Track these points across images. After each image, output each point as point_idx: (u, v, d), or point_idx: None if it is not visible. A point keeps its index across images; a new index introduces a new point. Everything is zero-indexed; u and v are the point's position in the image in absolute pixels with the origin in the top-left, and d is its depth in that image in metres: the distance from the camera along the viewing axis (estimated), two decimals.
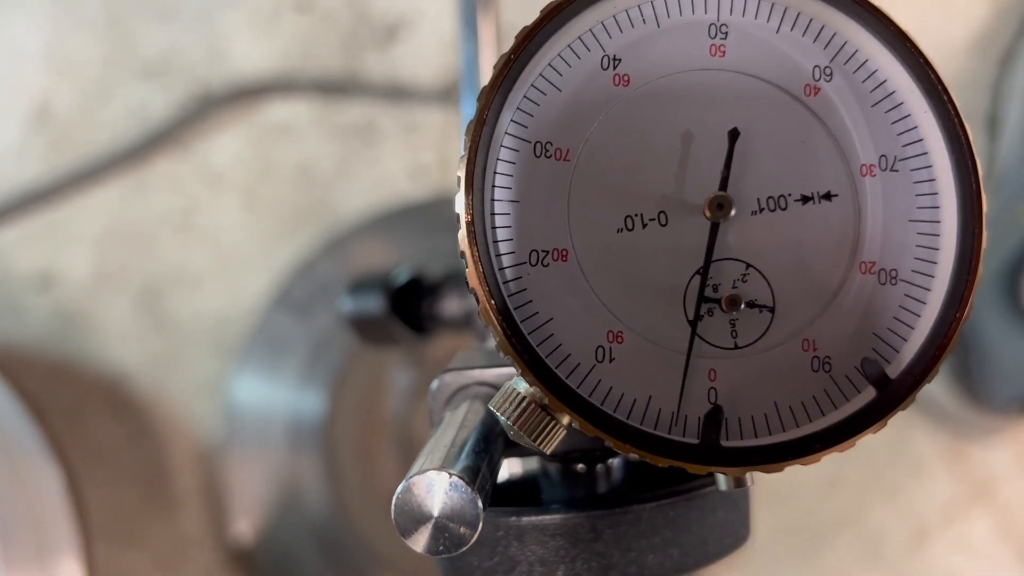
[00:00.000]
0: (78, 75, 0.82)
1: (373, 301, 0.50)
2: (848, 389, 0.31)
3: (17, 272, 0.80)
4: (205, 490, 0.79)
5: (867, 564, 0.82)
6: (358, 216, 0.83)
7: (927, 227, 0.31)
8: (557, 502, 0.35)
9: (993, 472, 0.83)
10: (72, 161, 0.82)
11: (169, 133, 0.83)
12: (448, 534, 0.27)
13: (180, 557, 0.78)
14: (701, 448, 0.29)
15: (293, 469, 0.79)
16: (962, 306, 0.30)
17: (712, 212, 0.30)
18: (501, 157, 0.30)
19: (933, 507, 0.83)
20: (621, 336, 0.30)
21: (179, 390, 0.80)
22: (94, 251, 0.81)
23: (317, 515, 0.79)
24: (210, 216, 0.82)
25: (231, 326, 0.80)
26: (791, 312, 0.31)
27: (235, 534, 0.77)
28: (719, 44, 0.31)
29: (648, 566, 0.33)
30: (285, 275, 0.81)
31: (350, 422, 0.81)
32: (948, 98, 0.30)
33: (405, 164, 0.84)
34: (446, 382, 0.35)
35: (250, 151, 0.83)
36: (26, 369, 0.79)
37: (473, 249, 0.29)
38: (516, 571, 0.33)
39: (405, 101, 0.85)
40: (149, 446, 0.79)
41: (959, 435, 0.83)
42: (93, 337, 0.80)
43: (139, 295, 0.80)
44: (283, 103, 0.84)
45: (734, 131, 0.31)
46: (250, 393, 0.80)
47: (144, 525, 0.78)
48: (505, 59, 0.29)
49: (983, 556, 0.82)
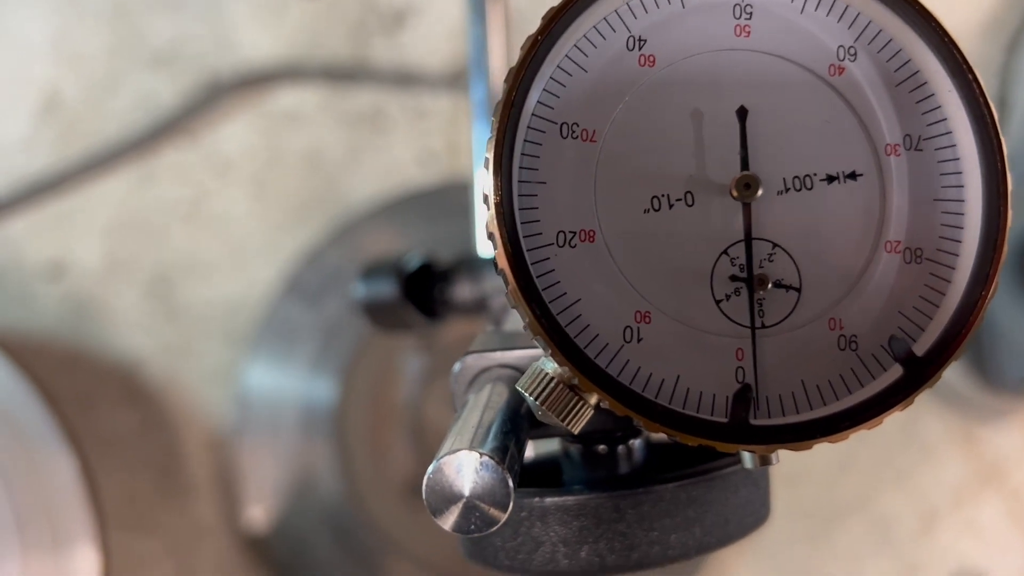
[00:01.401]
0: (86, 66, 0.82)
1: (386, 287, 0.50)
2: (875, 367, 0.31)
3: (28, 262, 0.80)
4: (218, 477, 0.79)
5: (877, 547, 0.82)
6: (367, 203, 0.83)
7: (952, 206, 0.31)
8: (579, 483, 0.36)
9: (1004, 455, 0.83)
10: (81, 151, 0.82)
11: (177, 122, 0.83)
12: (479, 513, 0.27)
13: (193, 544, 0.78)
14: (730, 427, 0.30)
15: (305, 456, 0.80)
16: (987, 284, 0.30)
17: (740, 192, 0.31)
18: (528, 139, 0.30)
19: (943, 490, 0.83)
20: (649, 316, 0.31)
21: (191, 378, 0.80)
22: (104, 240, 0.81)
23: (330, 501, 0.79)
24: (219, 205, 0.82)
25: (242, 314, 0.81)
26: (817, 291, 0.31)
27: (248, 520, 0.78)
28: (744, 24, 0.31)
29: (671, 545, 0.33)
30: (295, 263, 0.81)
31: (361, 409, 0.81)
32: (973, 77, 0.30)
33: (414, 151, 0.84)
34: (468, 364, 0.35)
35: (258, 139, 0.83)
36: (38, 358, 0.79)
37: (502, 230, 0.29)
38: (539, 551, 0.33)
39: (413, 87, 0.85)
40: (162, 434, 0.80)
41: (970, 417, 0.83)
42: (105, 326, 0.80)
43: (150, 284, 0.80)
44: (291, 91, 0.84)
45: (742, 109, 0.31)
46: (262, 381, 0.80)
47: (157, 512, 0.78)
48: (532, 40, 0.30)
49: (993, 539, 0.83)
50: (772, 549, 0.82)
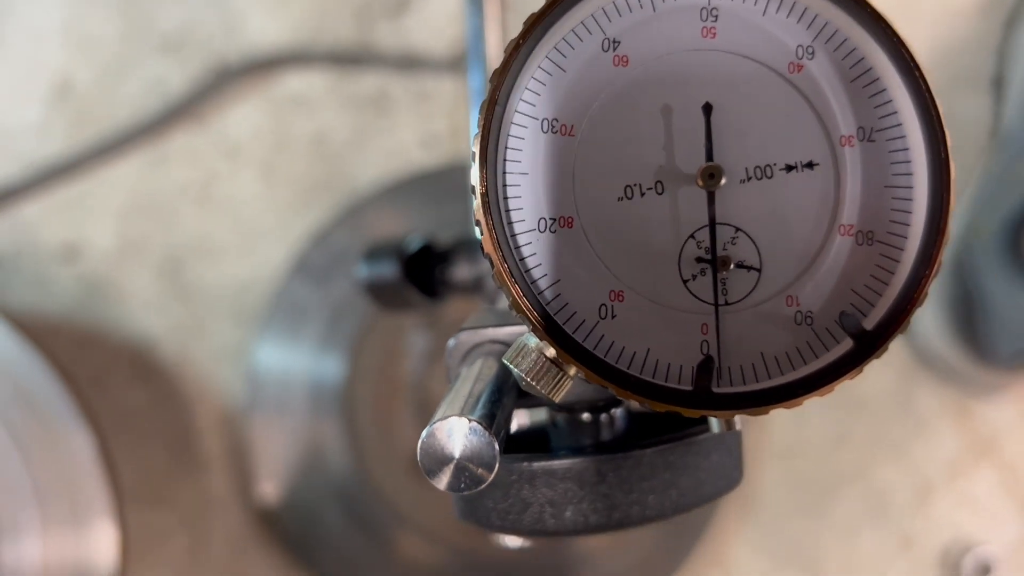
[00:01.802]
0: (97, 51, 0.85)
1: (388, 268, 0.52)
2: (828, 340, 0.34)
3: (44, 245, 0.83)
4: (230, 452, 0.82)
5: (873, 519, 0.84)
6: (373, 185, 0.86)
7: (901, 192, 0.34)
8: (565, 449, 0.38)
9: (998, 428, 0.85)
10: (93, 136, 0.84)
11: (187, 107, 0.85)
12: (468, 473, 0.30)
13: (207, 517, 0.81)
14: (694, 394, 0.32)
15: (315, 431, 0.82)
16: (931, 264, 0.33)
17: (704, 181, 0.33)
18: (512, 133, 0.33)
19: (938, 463, 0.84)
20: (622, 295, 0.34)
21: (203, 356, 0.83)
22: (117, 223, 0.83)
23: (339, 475, 0.82)
24: (228, 187, 0.84)
25: (251, 294, 0.83)
26: (776, 271, 0.34)
27: (260, 494, 0.80)
28: (710, 26, 0.34)
29: (649, 505, 0.36)
30: (302, 244, 0.84)
31: (368, 385, 0.83)
32: (920, 75, 0.33)
33: (417, 133, 0.87)
34: (462, 340, 0.38)
35: (266, 123, 0.85)
36: (55, 338, 0.82)
37: (487, 218, 0.32)
38: (528, 512, 0.36)
39: (417, 71, 0.87)
40: (175, 411, 0.82)
41: (964, 391, 0.85)
42: (118, 306, 0.83)
43: (162, 265, 0.83)
44: (298, 75, 0.86)
45: (707, 105, 0.34)
46: (271, 359, 0.82)
47: (172, 487, 0.81)
48: (514, 44, 0.32)
49: (987, 511, 0.84)
50: (768, 521, 0.84)
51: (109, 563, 0.71)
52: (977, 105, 0.88)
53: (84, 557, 0.71)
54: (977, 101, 0.88)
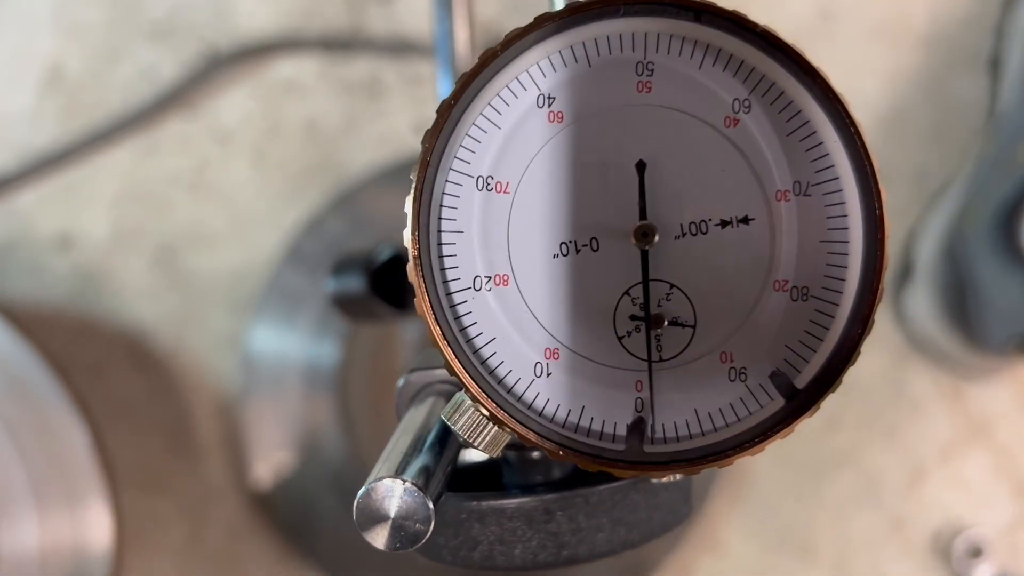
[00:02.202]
0: (87, 38, 0.85)
1: (355, 281, 0.53)
2: (762, 397, 0.34)
3: (37, 234, 0.83)
4: (226, 440, 0.83)
5: (864, 501, 0.84)
6: (365, 171, 0.86)
7: (838, 247, 0.34)
8: (516, 486, 0.39)
9: (991, 411, 0.84)
10: (85, 124, 0.84)
11: (178, 94, 0.85)
12: (404, 532, 0.31)
13: (204, 504, 0.82)
14: (627, 454, 0.33)
15: (310, 419, 0.83)
16: (864, 323, 0.33)
17: (638, 240, 0.33)
18: (447, 191, 0.33)
19: (931, 446, 0.84)
20: (557, 353, 0.34)
21: (198, 345, 0.83)
22: (110, 211, 0.84)
23: (334, 462, 0.83)
24: (221, 174, 0.85)
25: (245, 282, 0.84)
26: (711, 328, 0.34)
27: (256, 481, 0.81)
28: (645, 80, 0.34)
29: (598, 543, 0.36)
30: (295, 231, 0.84)
31: (363, 373, 0.84)
32: (855, 130, 0.32)
33: (410, 118, 0.86)
34: (411, 381, 0.38)
35: (258, 109, 0.85)
36: (49, 328, 0.82)
37: (420, 281, 0.32)
38: (478, 549, 0.36)
39: (408, 55, 0.87)
40: (171, 399, 0.83)
41: (957, 375, 0.84)
42: (113, 295, 0.83)
43: (156, 253, 0.83)
44: (289, 60, 0.86)
45: (640, 163, 0.34)
46: (266, 347, 0.83)
47: (169, 474, 0.82)
48: (446, 105, 0.32)
49: (979, 493, 0.84)
50: (760, 503, 0.84)
51: (105, 548, 0.73)
52: (974, 86, 0.87)
53: (80, 542, 0.72)
54: (974, 82, 0.87)
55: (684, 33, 0.33)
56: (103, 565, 0.73)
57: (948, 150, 0.86)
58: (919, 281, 0.83)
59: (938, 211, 0.84)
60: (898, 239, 0.86)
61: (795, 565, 0.84)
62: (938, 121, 0.87)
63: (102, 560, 0.73)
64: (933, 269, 0.83)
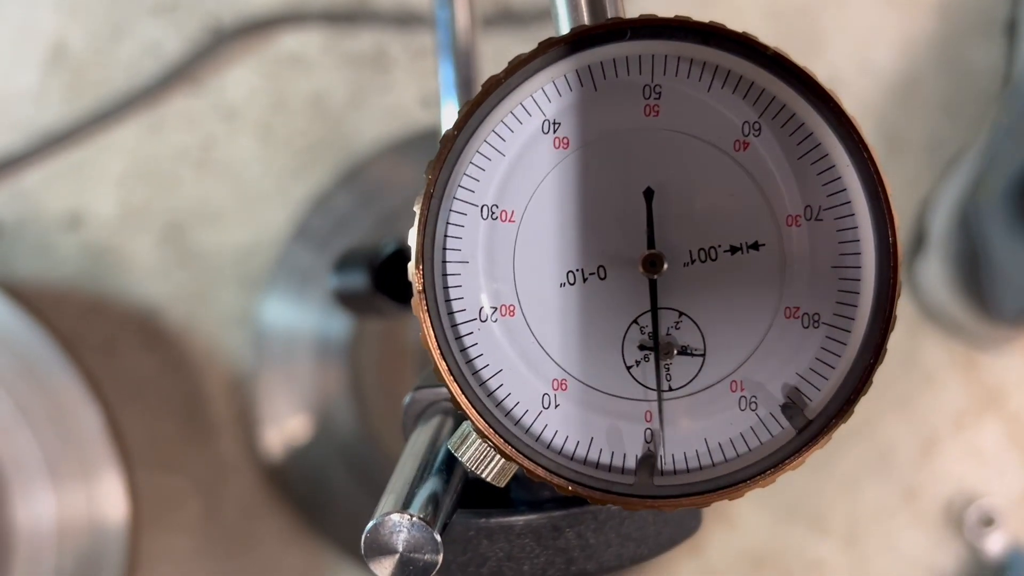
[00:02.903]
0: (90, 15, 0.84)
1: (358, 278, 0.52)
2: (772, 426, 0.34)
3: (46, 213, 0.83)
4: (238, 416, 0.83)
5: (877, 472, 0.84)
6: (372, 144, 0.85)
7: (850, 272, 0.33)
8: (524, 502, 0.39)
9: (1005, 380, 0.84)
10: (91, 101, 0.84)
11: (183, 69, 0.85)
12: (413, 565, 0.31)
13: (218, 479, 0.83)
14: (637, 488, 0.33)
15: (321, 393, 0.83)
16: (876, 352, 0.32)
17: (646, 269, 0.33)
18: (451, 221, 0.33)
19: (943, 415, 0.84)
20: (565, 384, 0.33)
21: (209, 322, 0.83)
22: (118, 189, 0.83)
23: (345, 436, 0.83)
24: (227, 151, 0.84)
25: (254, 258, 0.84)
26: (721, 356, 0.34)
27: (268, 458, 0.82)
28: (653, 104, 0.33)
29: (606, 558, 0.36)
30: (303, 206, 0.83)
31: (373, 347, 0.84)
32: (868, 155, 0.32)
33: (416, 91, 0.86)
34: (417, 399, 0.38)
35: (263, 84, 0.85)
36: (59, 307, 0.83)
37: (425, 316, 0.32)
38: (486, 565, 0.36)
39: (414, 27, 0.86)
40: (182, 376, 0.83)
41: (971, 344, 0.84)
42: (122, 273, 0.83)
43: (164, 230, 0.83)
44: (294, 34, 0.85)
45: (648, 191, 0.33)
46: (277, 322, 0.83)
47: (182, 451, 0.83)
48: (450, 135, 0.32)
49: (992, 463, 0.84)
50: None
51: (121, 523, 0.73)
52: (989, 53, 0.85)
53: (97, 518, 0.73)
54: (989, 48, 0.85)
55: (692, 55, 0.32)
56: (119, 541, 0.73)
57: (962, 119, 0.85)
58: (932, 251, 0.83)
59: (952, 181, 0.83)
60: (912, 209, 0.85)
61: (807, 536, 0.84)
62: (952, 89, 0.85)
63: (118, 536, 0.74)
64: (946, 239, 0.82)
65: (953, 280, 0.82)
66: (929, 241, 0.83)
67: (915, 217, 0.85)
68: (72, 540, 0.73)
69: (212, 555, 0.82)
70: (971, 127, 0.85)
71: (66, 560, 0.73)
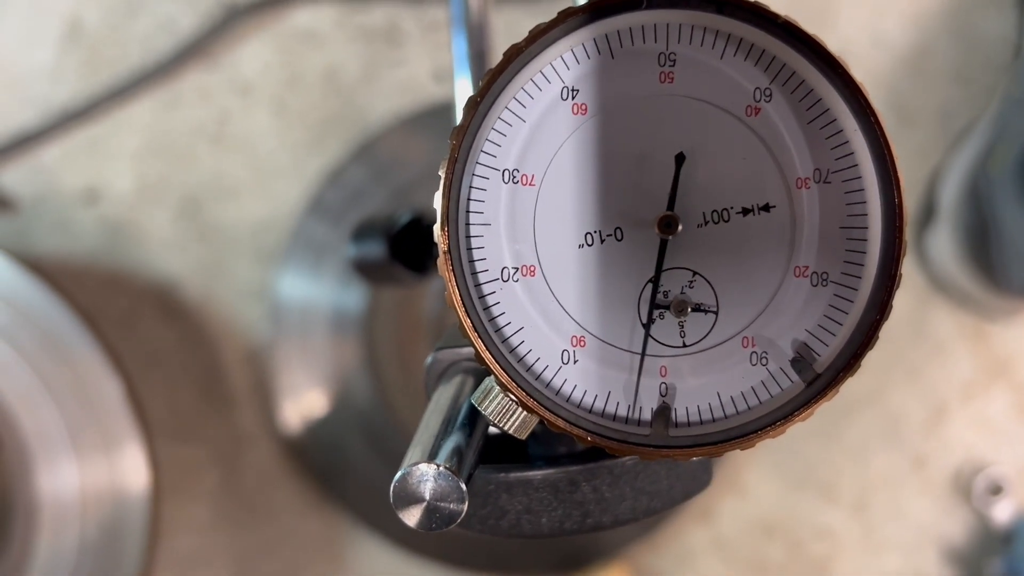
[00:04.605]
0: None
1: (375, 247, 0.53)
2: (782, 380, 0.35)
3: (63, 188, 0.84)
4: (257, 388, 0.84)
5: (886, 440, 0.85)
6: (386, 119, 0.86)
7: (857, 233, 0.35)
8: (541, 457, 0.40)
9: (1013, 350, 0.85)
10: (106, 78, 0.85)
11: (198, 45, 0.86)
12: (439, 513, 0.32)
13: (237, 450, 0.84)
14: (652, 438, 0.34)
15: (338, 364, 0.85)
16: (882, 309, 0.34)
17: (661, 230, 0.34)
18: (474, 185, 0.34)
19: (952, 385, 0.85)
20: (583, 340, 0.35)
21: (226, 295, 0.85)
22: (135, 164, 0.85)
23: (361, 406, 0.84)
24: (242, 125, 0.85)
25: (270, 232, 0.85)
26: (733, 313, 0.35)
27: (286, 428, 0.83)
28: (668, 71, 0.34)
29: (621, 512, 0.38)
30: (317, 181, 0.85)
31: (389, 319, 0.85)
32: (875, 120, 0.33)
33: (429, 65, 0.86)
34: (438, 359, 0.39)
35: (277, 59, 0.86)
36: (79, 281, 0.84)
37: (450, 274, 0.33)
38: (506, 518, 0.38)
39: (426, 2, 0.86)
40: (201, 348, 0.85)
41: (980, 315, 0.85)
42: (140, 247, 0.85)
43: (180, 205, 0.84)
44: (306, 9, 0.86)
45: (680, 155, 0.34)
46: (293, 295, 0.84)
47: (201, 422, 0.84)
48: (472, 102, 0.33)
49: (1000, 432, 0.85)
50: (782, 443, 0.85)
51: (142, 493, 0.75)
52: (1000, 22, 0.86)
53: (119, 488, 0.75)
54: (1001, 18, 0.86)
55: (706, 23, 0.34)
56: (140, 511, 0.75)
57: (973, 89, 0.86)
58: (942, 222, 0.83)
59: (962, 152, 0.84)
60: (921, 180, 0.86)
61: (816, 504, 0.85)
62: (963, 60, 0.86)
63: (139, 506, 0.75)
64: (956, 210, 0.83)
65: (962, 251, 0.82)
66: (939, 212, 0.84)
67: (925, 188, 0.85)
68: (95, 509, 0.75)
69: (231, 523, 0.84)
70: (982, 98, 0.85)
71: (89, 529, 0.74)
